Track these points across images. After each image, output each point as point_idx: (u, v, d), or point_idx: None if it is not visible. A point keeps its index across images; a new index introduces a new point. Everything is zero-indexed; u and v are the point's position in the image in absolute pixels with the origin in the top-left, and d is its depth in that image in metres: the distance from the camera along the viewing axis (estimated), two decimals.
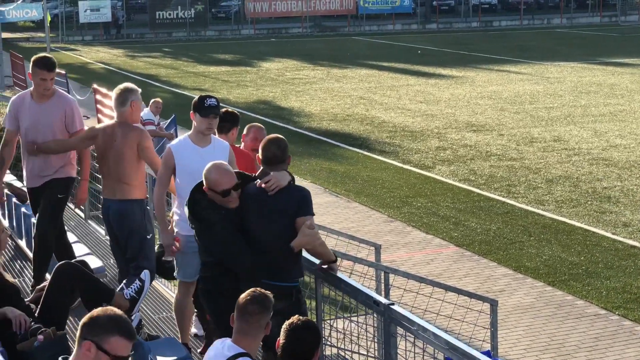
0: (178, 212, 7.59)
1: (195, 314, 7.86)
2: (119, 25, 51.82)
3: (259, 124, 8.64)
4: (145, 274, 6.93)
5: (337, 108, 25.10)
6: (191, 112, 7.43)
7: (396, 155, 18.92)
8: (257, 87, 30.02)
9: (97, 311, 4.44)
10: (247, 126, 8.57)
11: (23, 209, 10.14)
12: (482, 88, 28.58)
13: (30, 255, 9.16)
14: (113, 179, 7.99)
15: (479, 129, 21.53)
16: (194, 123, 7.46)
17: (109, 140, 8.05)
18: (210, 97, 7.46)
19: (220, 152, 7.54)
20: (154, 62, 38.91)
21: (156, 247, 7.82)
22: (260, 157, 6.14)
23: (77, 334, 4.48)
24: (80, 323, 4.46)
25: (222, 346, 4.87)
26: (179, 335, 7.62)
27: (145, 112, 16.52)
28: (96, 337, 4.34)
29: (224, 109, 8.04)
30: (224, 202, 6.14)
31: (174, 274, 7.64)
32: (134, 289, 6.85)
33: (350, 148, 19.76)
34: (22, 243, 10.29)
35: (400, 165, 17.99)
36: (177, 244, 7.48)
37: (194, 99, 7.47)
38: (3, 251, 6.89)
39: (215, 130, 7.59)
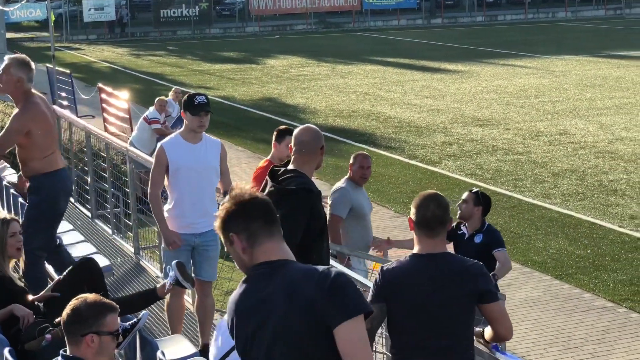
0: (168, 209, 7.65)
1: None
2: (123, 23, 51.85)
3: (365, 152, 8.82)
4: (144, 315, 6.81)
5: (343, 104, 25.10)
6: (182, 111, 7.52)
7: (402, 150, 18.91)
8: (262, 84, 30.02)
9: (71, 306, 4.55)
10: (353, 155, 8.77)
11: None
12: (487, 82, 28.55)
13: None
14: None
15: (484, 123, 21.52)
16: (186, 121, 7.52)
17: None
18: (200, 94, 7.55)
19: (212, 149, 7.62)
20: (159, 60, 38.94)
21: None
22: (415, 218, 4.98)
23: (66, 333, 4.57)
24: (65, 323, 4.54)
25: None
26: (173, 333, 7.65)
27: (151, 111, 16.55)
28: (92, 327, 4.47)
29: (283, 127, 8.20)
30: None
31: (163, 274, 7.69)
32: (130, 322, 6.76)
33: (356, 144, 19.75)
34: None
35: (406, 160, 17.99)
36: (178, 240, 7.54)
37: (184, 98, 7.55)
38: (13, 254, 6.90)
39: (206, 127, 7.62)
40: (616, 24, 50.71)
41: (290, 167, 6.07)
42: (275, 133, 8.50)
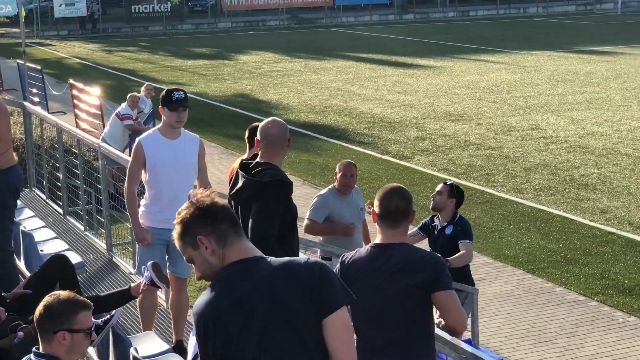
0: (145, 204, 7.64)
1: None
2: (95, 19, 51.54)
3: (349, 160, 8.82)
4: (116, 312, 6.79)
5: (315, 100, 25.11)
6: (159, 106, 7.49)
7: (375, 146, 18.95)
8: (235, 80, 29.97)
9: (44, 303, 4.56)
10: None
11: None
12: (459, 78, 28.65)
13: None
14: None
15: (457, 118, 21.59)
16: (164, 117, 7.50)
17: None
18: (178, 90, 7.53)
19: (190, 145, 7.61)
20: (131, 56, 38.77)
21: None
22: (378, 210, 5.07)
23: (39, 330, 4.57)
24: (37, 320, 4.54)
25: None
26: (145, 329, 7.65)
27: (123, 107, 16.49)
28: (64, 324, 4.47)
29: (256, 124, 8.12)
30: None
31: (136, 268, 7.69)
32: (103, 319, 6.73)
33: (329, 139, 19.77)
34: None
35: (379, 155, 18.03)
36: (150, 237, 7.53)
37: (162, 93, 7.52)
38: None
39: (184, 123, 7.59)
40: (587, 19, 51.00)
41: (260, 160, 6.10)
42: (252, 133, 8.32)
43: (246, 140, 8.24)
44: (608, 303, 10.32)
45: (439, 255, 4.99)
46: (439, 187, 8.41)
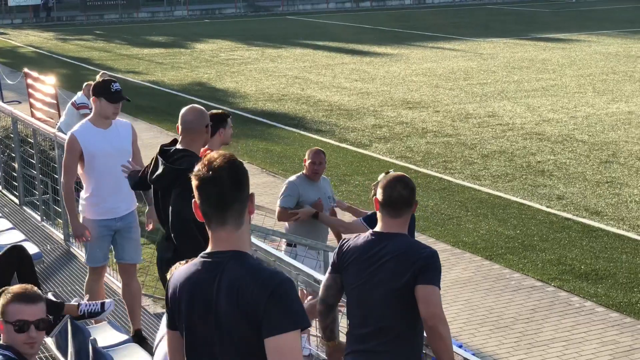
0: (86, 197, 7.61)
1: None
2: (49, 7, 51.00)
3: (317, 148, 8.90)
4: (110, 304, 6.75)
5: (273, 88, 25.05)
6: (93, 97, 7.45)
7: (332, 134, 18.95)
8: (192, 68, 29.82)
9: None
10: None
11: None
12: (416, 65, 28.73)
13: None
14: None
15: (414, 106, 21.66)
16: (96, 107, 7.47)
17: None
18: (114, 81, 7.58)
19: (124, 132, 7.64)
20: (86, 45, 38.42)
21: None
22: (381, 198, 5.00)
23: None
24: None
25: None
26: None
27: (79, 96, 16.32)
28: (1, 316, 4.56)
29: (213, 111, 8.12)
30: None
31: (85, 260, 7.68)
32: (90, 309, 6.68)
33: (287, 128, 19.75)
34: None
35: (337, 144, 18.03)
36: (88, 233, 7.52)
37: (97, 84, 7.53)
38: None
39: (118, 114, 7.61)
40: (542, 6, 51.36)
41: (179, 146, 6.22)
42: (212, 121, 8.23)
43: (212, 127, 8.23)
44: (565, 288, 10.42)
45: (436, 250, 4.94)
46: (380, 177, 8.43)
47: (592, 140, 17.53)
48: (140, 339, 7.53)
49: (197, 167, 3.57)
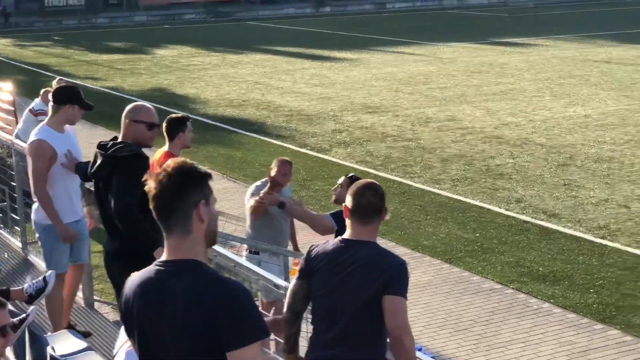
0: (53, 202, 7.62)
1: None
2: (7, 13, 50.56)
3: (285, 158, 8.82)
4: (51, 275, 6.79)
5: (233, 94, 25.04)
6: (68, 104, 7.49)
7: (293, 139, 18.98)
8: (152, 74, 29.71)
9: None
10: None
11: None
12: (376, 70, 28.84)
13: None
14: None
15: (374, 110, 21.74)
16: (65, 113, 7.54)
17: None
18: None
19: (73, 136, 7.90)
20: (45, 51, 38.14)
21: None
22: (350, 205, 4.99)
23: None
24: None
25: None
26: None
27: (37, 103, 16.20)
28: None
29: (173, 116, 8.25)
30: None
31: (47, 264, 7.68)
32: (35, 287, 6.72)
33: (247, 133, 19.75)
34: None
35: (297, 149, 18.06)
36: (74, 234, 7.53)
37: (70, 90, 7.66)
38: None
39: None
40: (500, 11, 51.75)
41: (118, 140, 6.57)
42: (170, 125, 8.19)
43: (164, 132, 8.19)
44: (523, 290, 10.52)
45: (405, 260, 4.94)
46: (340, 180, 8.43)
47: (550, 144, 17.70)
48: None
49: (149, 174, 3.58)
